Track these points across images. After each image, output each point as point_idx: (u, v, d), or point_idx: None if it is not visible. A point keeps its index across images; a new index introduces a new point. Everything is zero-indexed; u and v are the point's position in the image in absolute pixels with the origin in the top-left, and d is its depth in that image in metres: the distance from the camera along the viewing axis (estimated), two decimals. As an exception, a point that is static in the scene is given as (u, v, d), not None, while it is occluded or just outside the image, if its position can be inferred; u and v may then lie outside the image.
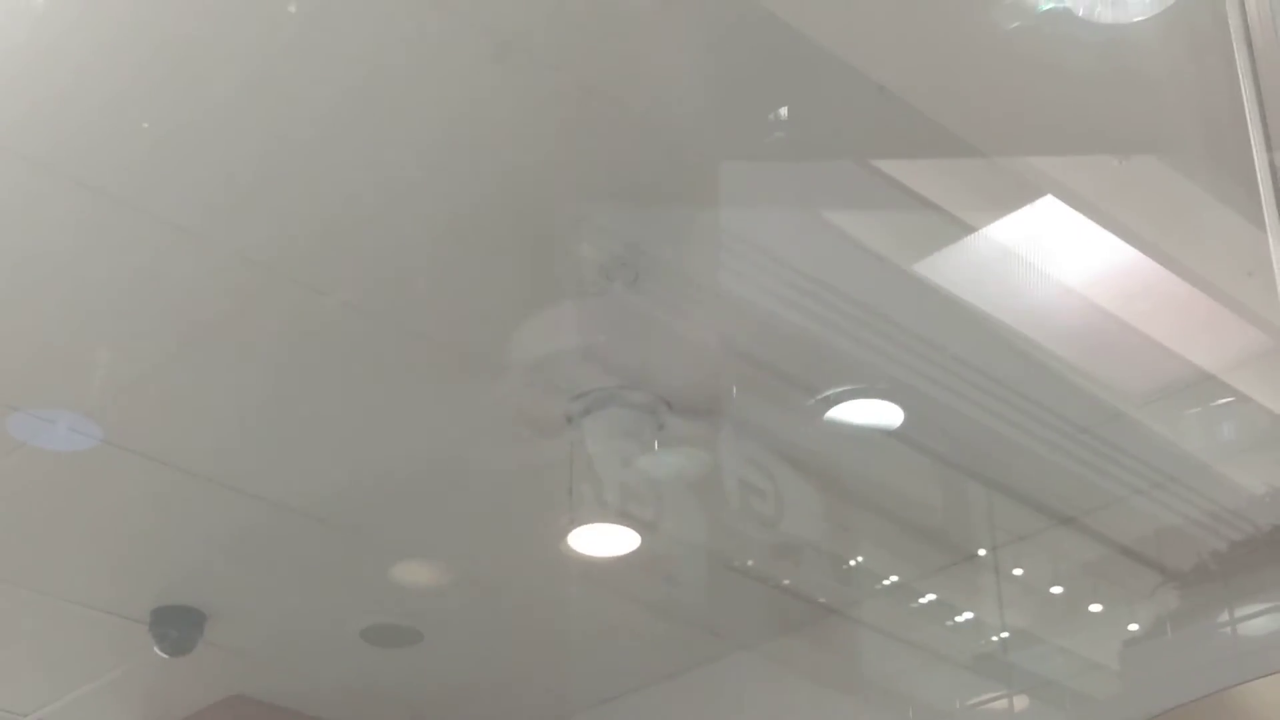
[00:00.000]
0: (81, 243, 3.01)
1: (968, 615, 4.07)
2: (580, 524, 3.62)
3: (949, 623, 4.10)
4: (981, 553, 3.93)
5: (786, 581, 4.08)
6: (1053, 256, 3.01)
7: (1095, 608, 3.89)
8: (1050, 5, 2.34)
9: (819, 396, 3.37)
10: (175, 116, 2.70)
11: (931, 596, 4.03)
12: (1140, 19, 2.29)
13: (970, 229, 2.95)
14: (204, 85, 2.64)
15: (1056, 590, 3.92)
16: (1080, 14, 2.31)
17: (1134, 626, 3.78)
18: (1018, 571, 3.95)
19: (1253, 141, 1.87)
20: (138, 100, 2.67)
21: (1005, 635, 4.02)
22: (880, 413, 3.43)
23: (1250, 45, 1.87)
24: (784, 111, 2.66)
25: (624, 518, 3.64)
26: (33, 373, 3.39)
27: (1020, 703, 3.94)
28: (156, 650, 4.26)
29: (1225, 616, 3.52)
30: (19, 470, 3.66)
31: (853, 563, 4.04)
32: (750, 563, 3.98)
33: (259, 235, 3.01)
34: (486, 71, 2.60)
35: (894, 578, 4.06)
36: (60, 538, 3.97)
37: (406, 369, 3.38)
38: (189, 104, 2.68)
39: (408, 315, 3.22)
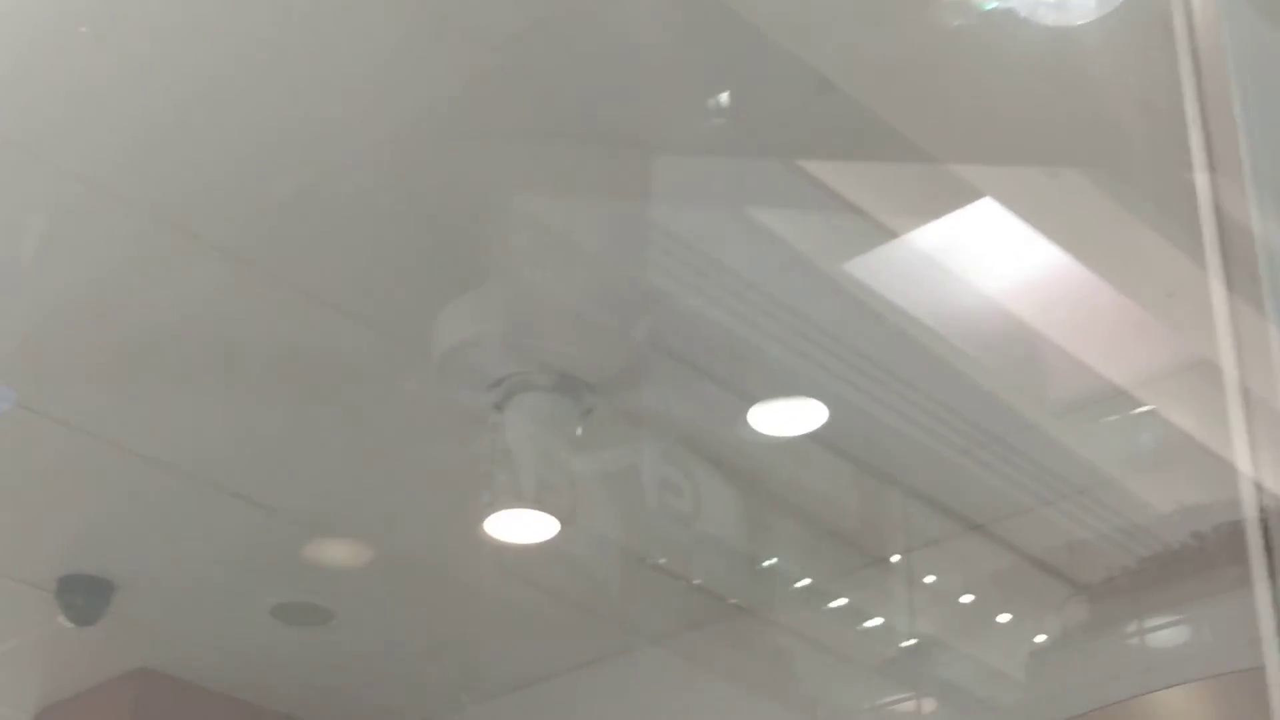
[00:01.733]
0: None
1: (878, 620, 4.08)
2: (498, 509, 3.59)
3: (860, 627, 4.10)
4: (895, 559, 3.93)
5: (697, 581, 4.08)
6: (976, 264, 3.03)
7: (1004, 617, 3.90)
8: (994, 5, 2.33)
9: (739, 393, 3.37)
10: (90, 71, 2.66)
11: (843, 600, 4.04)
12: (1083, 22, 2.28)
13: (896, 233, 2.95)
14: (120, 39, 2.59)
15: (966, 599, 3.93)
16: (1023, 15, 2.30)
17: (1041, 637, 3.80)
18: (929, 579, 3.96)
19: (1193, 154, 1.84)
20: (49, 52, 2.62)
21: (914, 641, 4.03)
22: (799, 412, 3.43)
23: (1195, 56, 1.85)
24: (724, 98, 2.64)
25: (542, 504, 3.61)
26: None
27: (928, 705, 3.96)
28: (62, 619, 4.22)
29: (1133, 627, 3.54)
30: None
31: (766, 564, 4.04)
32: (664, 559, 3.98)
33: (172, 192, 2.96)
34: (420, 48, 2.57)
35: (807, 580, 4.06)
36: None
37: (326, 344, 3.34)
38: (100, 62, 2.64)
39: (326, 290, 3.19)
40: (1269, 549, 1.54)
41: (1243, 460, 1.52)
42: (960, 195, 2.83)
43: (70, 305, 3.25)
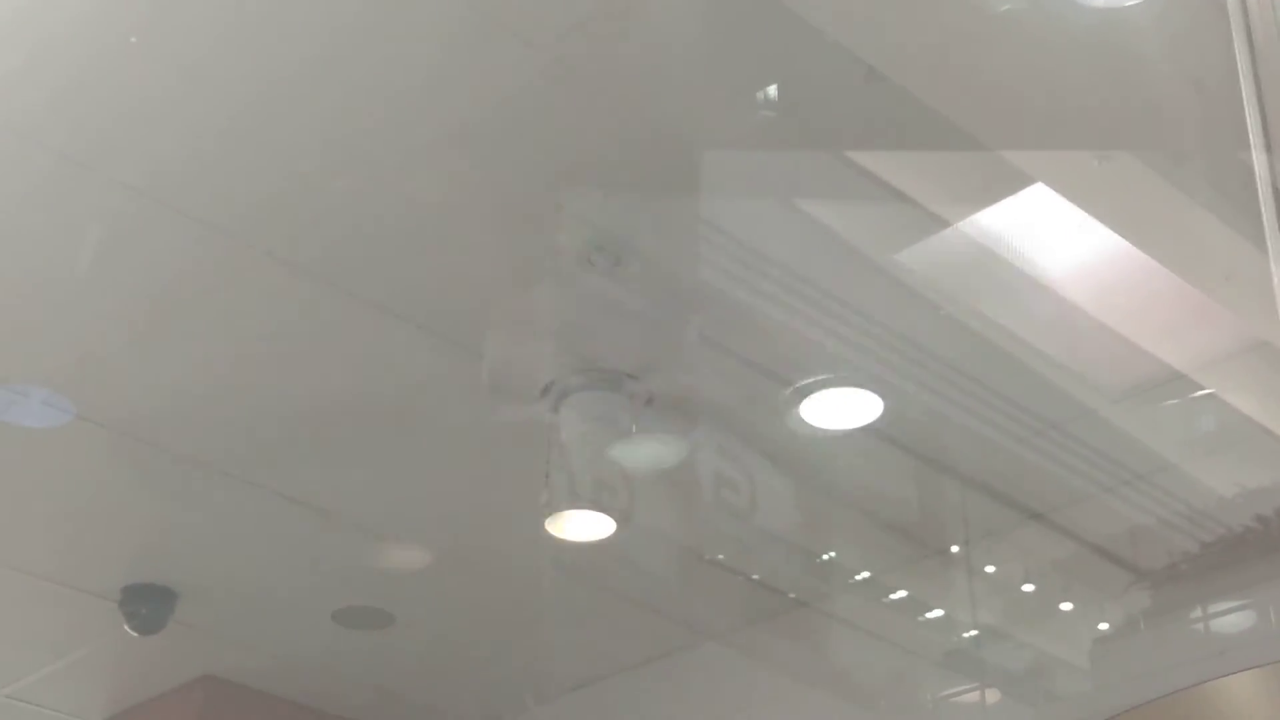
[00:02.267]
0: (51, 214, 2.98)
1: (939, 612, 4.07)
2: (556, 509, 3.61)
3: (920, 618, 4.10)
4: (954, 549, 3.93)
5: (757, 575, 4.08)
6: (1030, 250, 3.01)
7: (1066, 605, 3.88)
8: None
9: (794, 386, 3.36)
10: (140, 82, 2.68)
11: (903, 593, 4.03)
12: (1134, 2, 2.27)
13: (948, 222, 2.94)
14: (172, 50, 2.61)
15: (1028, 588, 3.91)
16: None
17: (1104, 625, 3.77)
18: (989, 569, 3.95)
19: (1250, 135, 1.83)
20: (102, 64, 2.64)
21: (976, 632, 4.02)
22: (856, 404, 3.42)
23: (1250, 35, 1.83)
24: (772, 91, 2.64)
25: (599, 504, 3.62)
26: (3, 347, 3.36)
27: (991, 696, 3.94)
28: (126, 628, 4.25)
29: (1198, 613, 3.52)
30: None
31: (825, 557, 4.03)
32: (723, 555, 3.97)
33: (227, 204, 2.98)
34: (464, 46, 2.58)
35: (866, 573, 4.05)
36: (31, 514, 3.96)
37: (385, 352, 3.36)
38: (156, 70, 2.65)
39: (390, 296, 3.20)
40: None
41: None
42: (1012, 181, 2.82)
43: (129, 314, 3.27)
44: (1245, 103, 1.81)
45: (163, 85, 2.68)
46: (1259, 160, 1.79)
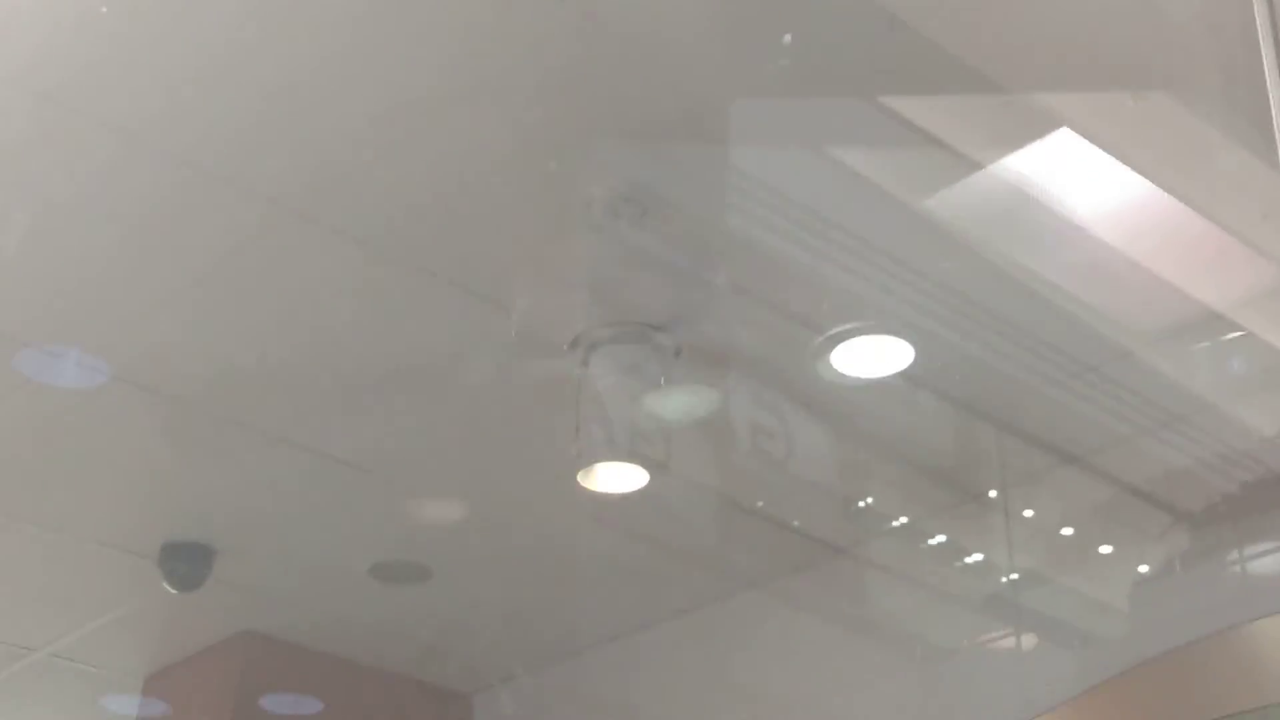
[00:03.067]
0: (93, 180, 3.00)
1: (977, 556, 4.09)
2: (588, 461, 3.63)
3: (958, 564, 4.12)
4: (992, 494, 3.94)
5: (796, 522, 4.09)
6: (1062, 193, 2.99)
7: (1105, 549, 3.90)
8: None
9: (827, 334, 3.36)
10: (181, 54, 2.69)
11: (941, 538, 4.05)
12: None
13: (979, 165, 2.93)
14: (209, 24, 2.62)
15: (1066, 531, 3.92)
16: None
17: (1144, 568, 3.78)
18: (1028, 513, 3.96)
19: (1268, 81, 1.85)
20: (149, 37, 2.65)
21: (1015, 576, 4.04)
22: (889, 351, 3.42)
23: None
24: (788, 39, 2.63)
25: (632, 455, 3.64)
26: (41, 308, 3.39)
27: (1028, 641, 3.96)
28: (166, 586, 4.30)
29: (1234, 555, 3.53)
30: (28, 406, 3.67)
31: (861, 504, 4.04)
32: (758, 504, 3.99)
33: (266, 171, 2.99)
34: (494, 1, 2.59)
35: (903, 519, 4.07)
36: (69, 473, 3.99)
37: (417, 309, 3.38)
38: (196, 42, 2.66)
39: (417, 251, 3.22)
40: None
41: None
42: (1042, 124, 2.80)
43: (171, 279, 3.30)
44: (1261, 43, 1.82)
45: (210, 59, 2.71)
46: (1275, 95, 1.81)
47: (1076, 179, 2.96)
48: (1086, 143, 2.84)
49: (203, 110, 2.82)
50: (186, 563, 4.27)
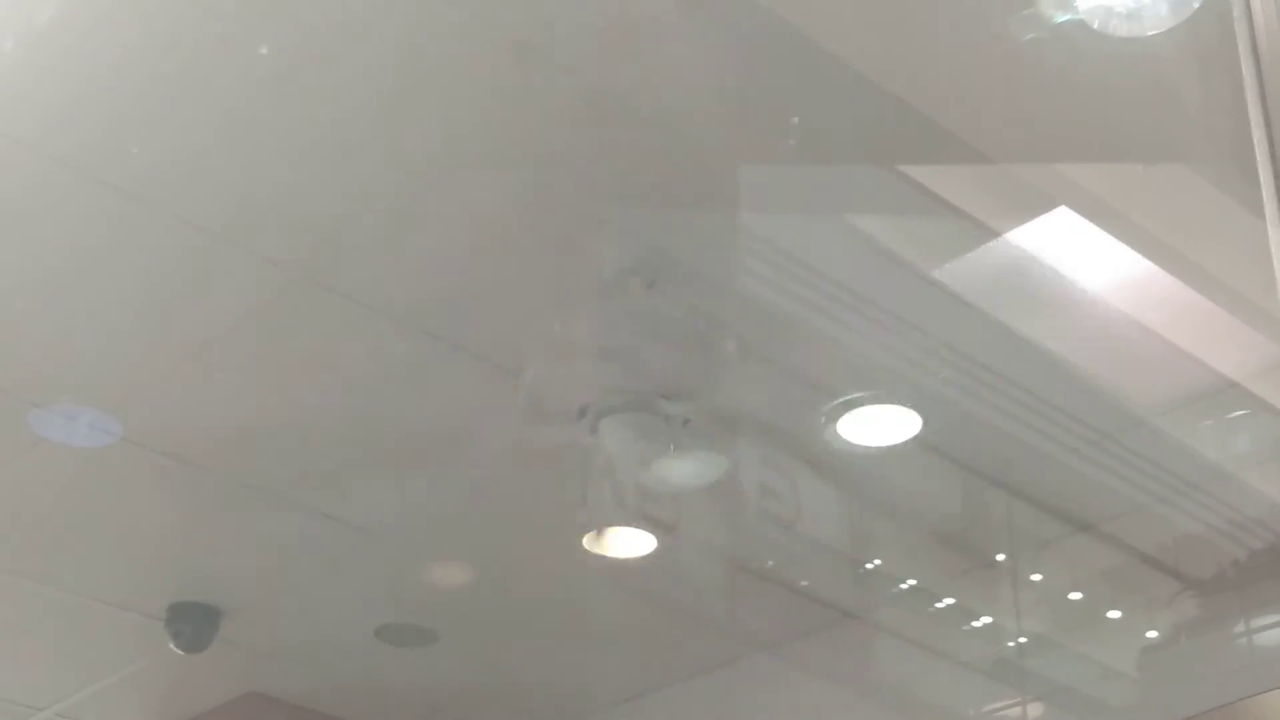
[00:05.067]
0: (105, 242, 3.05)
1: (985, 620, 4.07)
2: (595, 527, 3.65)
3: (966, 627, 4.11)
4: (1000, 558, 3.94)
5: (804, 583, 4.09)
6: (1075, 263, 3.03)
7: (1113, 614, 3.89)
8: (1066, 17, 2.37)
9: (834, 403, 3.39)
10: (194, 117, 2.74)
11: (949, 601, 4.04)
12: (1154, 33, 2.32)
13: (990, 235, 2.97)
14: (224, 86, 2.68)
15: (1075, 596, 3.92)
16: (1095, 27, 2.34)
17: (1152, 633, 3.77)
18: (1036, 577, 3.95)
19: (1256, 151, 1.91)
20: (163, 98, 2.70)
21: (1023, 640, 4.02)
22: (897, 419, 3.45)
23: (1257, 59, 1.91)
24: (795, 120, 2.68)
25: (639, 520, 3.66)
26: (53, 369, 3.42)
27: (1034, 710, 3.95)
28: (172, 646, 4.29)
29: (1242, 627, 3.53)
30: (38, 466, 3.69)
31: (870, 567, 4.05)
32: (769, 565, 4.00)
33: (280, 235, 3.04)
34: (505, 72, 2.64)
35: (911, 582, 4.07)
36: (77, 533, 3.99)
37: (426, 375, 3.41)
38: (209, 105, 2.71)
39: (427, 317, 3.25)
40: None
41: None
42: (1050, 195, 2.83)
43: (179, 341, 3.33)
44: (1252, 124, 1.89)
45: (222, 123, 2.75)
46: (1264, 171, 1.87)
47: (1089, 249, 2.98)
48: (1095, 213, 2.88)
49: (216, 174, 2.87)
50: (193, 623, 4.25)
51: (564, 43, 2.59)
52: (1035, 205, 2.89)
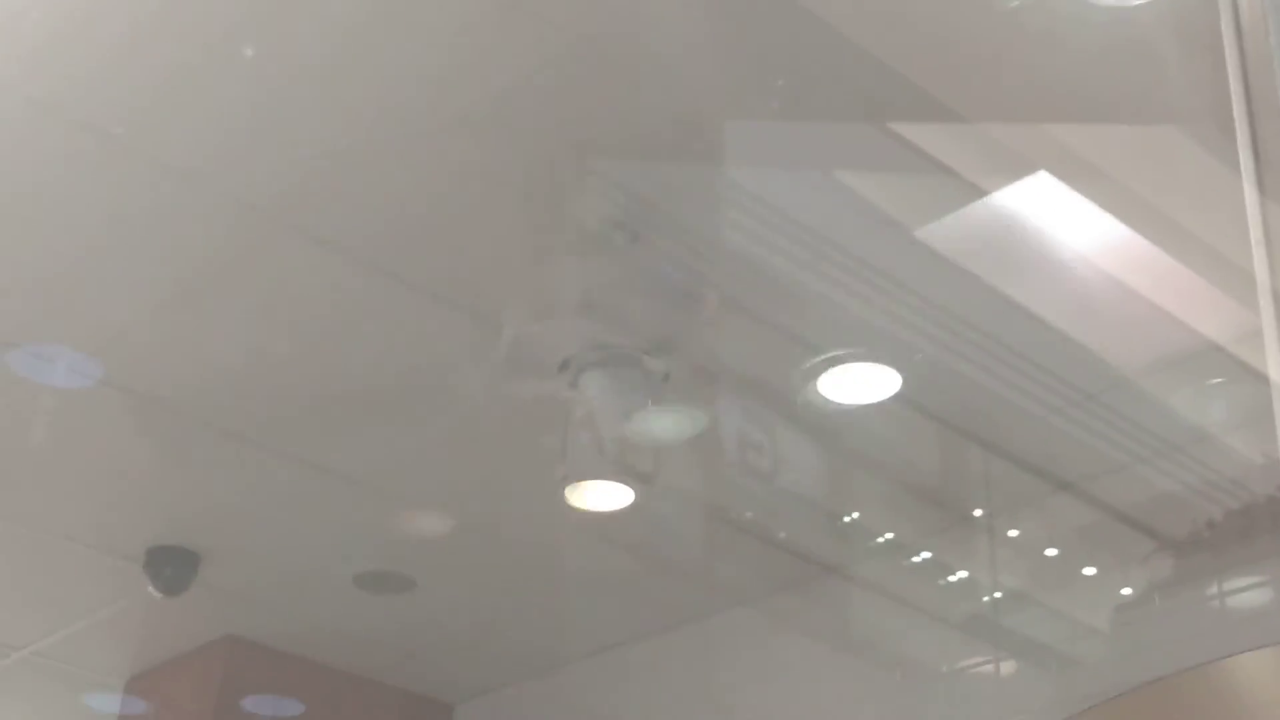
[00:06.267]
0: (84, 183, 3.06)
1: (961, 575, 4.10)
2: (575, 479, 3.66)
3: (942, 582, 4.13)
4: (978, 514, 3.96)
5: (783, 536, 4.11)
6: (1059, 224, 3.04)
7: (1089, 571, 3.91)
8: None
9: (819, 358, 3.40)
10: (172, 59, 2.74)
11: (926, 556, 4.06)
12: (1138, 2, 2.34)
13: (975, 195, 2.97)
14: (196, 30, 2.67)
15: (1051, 553, 3.94)
16: None
17: (1127, 591, 3.78)
18: (1013, 533, 3.97)
19: (1235, 117, 1.94)
20: (138, 42, 2.71)
21: (998, 596, 4.05)
22: (876, 377, 3.46)
23: (1239, 27, 1.94)
24: (780, 83, 2.69)
25: (619, 473, 3.68)
26: (33, 310, 3.43)
27: (1007, 668, 3.98)
28: (151, 589, 4.32)
29: (1214, 589, 3.54)
30: (17, 406, 3.72)
31: (848, 521, 4.06)
32: (748, 518, 4.01)
33: (257, 180, 3.04)
34: (490, 26, 2.64)
35: (889, 536, 4.08)
36: (58, 475, 4.02)
37: (408, 326, 3.43)
38: (187, 46, 2.71)
39: (408, 266, 3.26)
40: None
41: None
42: (1036, 156, 2.84)
43: (163, 287, 3.34)
44: (1232, 91, 1.92)
45: (201, 67, 2.75)
46: (1241, 137, 1.90)
47: (1071, 210, 2.99)
48: (1080, 176, 2.89)
49: (190, 117, 2.87)
50: (172, 567, 4.28)
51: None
52: (1019, 167, 2.89)
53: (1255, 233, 1.81)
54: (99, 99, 2.83)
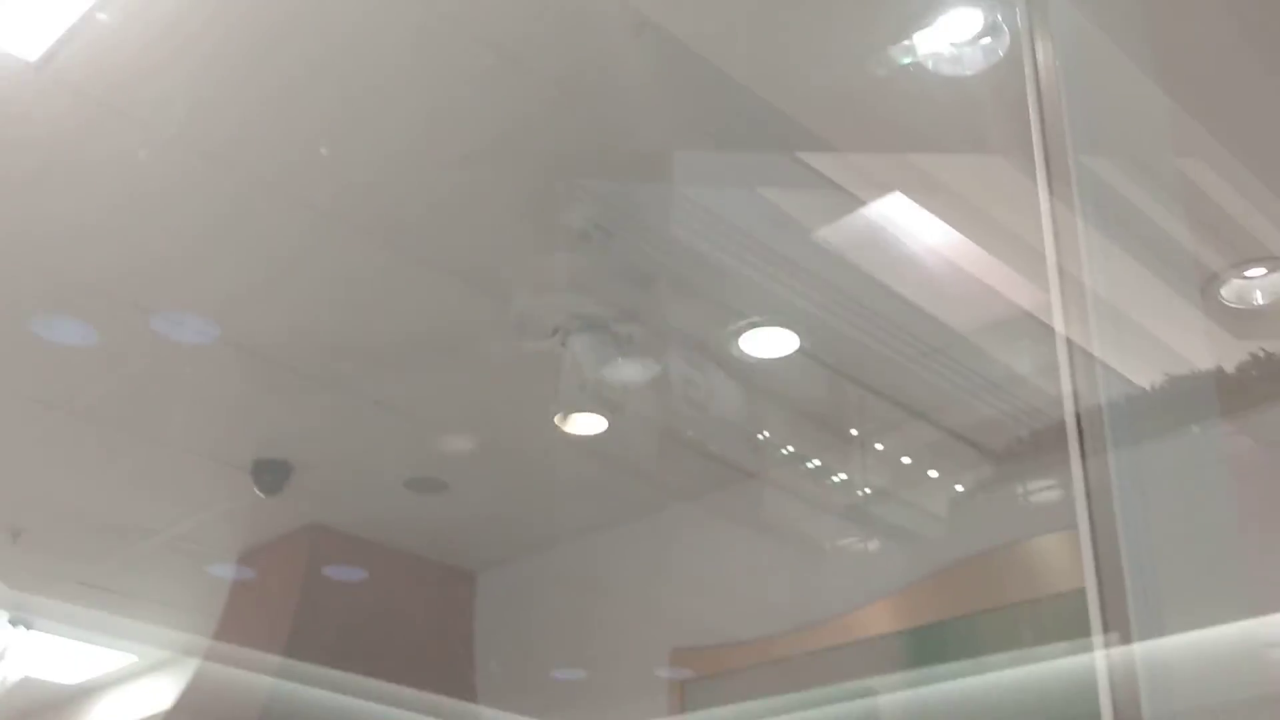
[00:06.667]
0: (192, 201, 3.03)
1: (842, 477, 4.07)
2: (565, 411, 3.64)
3: (828, 483, 4.11)
4: (854, 433, 3.94)
5: (715, 450, 4.08)
6: (913, 225, 3.02)
7: (932, 474, 3.89)
8: (909, 60, 2.40)
9: (741, 323, 3.41)
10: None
11: (817, 463, 4.05)
12: (971, 74, 2.36)
13: (856, 203, 2.96)
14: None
15: (905, 460, 3.93)
16: (930, 68, 2.38)
17: (959, 488, 3.78)
18: (879, 447, 3.95)
19: (1035, 151, 1.98)
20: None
21: (868, 492, 4.05)
22: (782, 337, 3.48)
23: (1039, 91, 1.98)
24: (714, 130, 2.68)
25: (597, 407, 3.65)
26: (170, 286, 3.40)
27: (873, 545, 3.99)
28: (255, 490, 4.31)
29: (1021, 489, 3.56)
30: (159, 359, 3.68)
31: (761, 438, 4.03)
32: (690, 436, 3.97)
33: (335, 194, 2.99)
34: (492, 80, 2.63)
35: (790, 449, 4.06)
36: (189, 410, 3.98)
37: (444, 301, 3.39)
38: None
39: (443, 257, 3.22)
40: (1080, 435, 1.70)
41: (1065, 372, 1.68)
42: (891, 179, 2.85)
43: (263, 267, 3.29)
44: (1033, 132, 1.96)
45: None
46: (1039, 162, 1.95)
47: (920, 215, 2.98)
48: (926, 192, 2.88)
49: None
50: (271, 474, 4.26)
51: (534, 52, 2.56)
52: (884, 185, 2.89)
53: (1047, 228, 1.87)
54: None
